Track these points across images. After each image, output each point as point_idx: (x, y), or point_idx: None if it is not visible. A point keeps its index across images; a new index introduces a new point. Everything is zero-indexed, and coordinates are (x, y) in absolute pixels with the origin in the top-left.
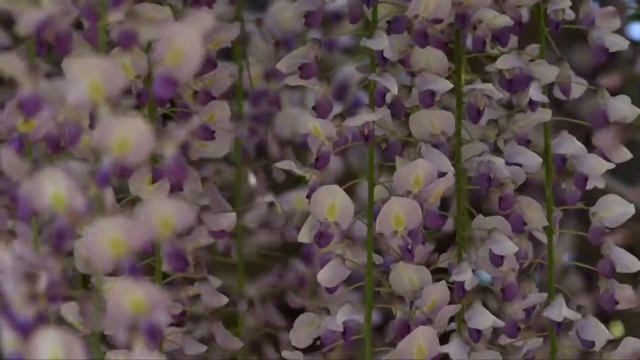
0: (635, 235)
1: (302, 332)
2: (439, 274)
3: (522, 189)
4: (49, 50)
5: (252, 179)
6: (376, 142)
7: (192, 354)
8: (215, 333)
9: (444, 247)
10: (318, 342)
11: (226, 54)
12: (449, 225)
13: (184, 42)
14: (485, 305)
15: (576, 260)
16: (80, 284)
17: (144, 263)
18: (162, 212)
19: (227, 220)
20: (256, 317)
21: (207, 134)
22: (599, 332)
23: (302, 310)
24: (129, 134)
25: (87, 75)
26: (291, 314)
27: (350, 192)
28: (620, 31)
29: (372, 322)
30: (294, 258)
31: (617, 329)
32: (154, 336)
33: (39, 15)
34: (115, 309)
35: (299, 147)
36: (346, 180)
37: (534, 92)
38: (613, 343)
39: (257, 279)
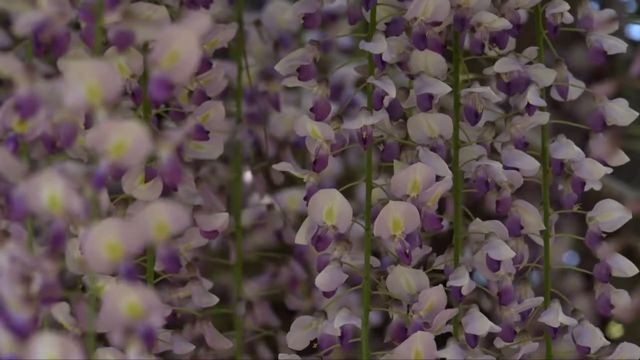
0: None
1: (298, 335)
2: (436, 273)
3: (518, 190)
4: (46, 51)
5: (248, 179)
6: (374, 143)
7: (181, 353)
8: (204, 333)
9: (442, 247)
10: (314, 345)
11: (223, 53)
12: (446, 226)
13: (180, 45)
14: (479, 305)
15: (578, 260)
16: (75, 285)
17: (134, 263)
18: (159, 216)
19: (219, 220)
20: (252, 318)
21: (202, 134)
22: (594, 338)
23: (297, 311)
24: (125, 138)
25: (85, 79)
26: (287, 314)
27: (349, 192)
28: (620, 31)
29: (371, 322)
30: (288, 258)
31: (616, 329)
32: (150, 340)
33: (37, 16)
34: (111, 312)
35: (293, 147)
36: (345, 180)
37: (532, 97)
38: (609, 347)
39: (252, 279)
